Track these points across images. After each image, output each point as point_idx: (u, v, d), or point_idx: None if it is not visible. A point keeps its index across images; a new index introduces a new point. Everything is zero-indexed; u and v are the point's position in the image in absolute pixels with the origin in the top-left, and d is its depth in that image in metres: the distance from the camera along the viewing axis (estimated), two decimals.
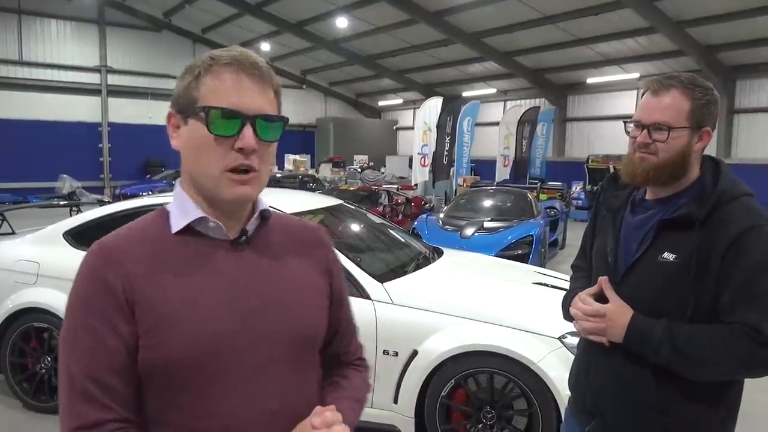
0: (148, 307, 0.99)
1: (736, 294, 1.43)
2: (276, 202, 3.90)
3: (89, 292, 1.00)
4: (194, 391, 1.01)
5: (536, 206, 9.45)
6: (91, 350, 0.98)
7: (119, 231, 1.08)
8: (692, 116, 1.50)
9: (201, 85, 1.03)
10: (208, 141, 1.01)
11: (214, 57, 1.04)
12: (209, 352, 1.01)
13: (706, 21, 13.81)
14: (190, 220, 1.06)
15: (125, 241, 1.05)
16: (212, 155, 1.02)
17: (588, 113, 20.05)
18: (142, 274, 1.01)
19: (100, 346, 0.98)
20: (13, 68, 19.88)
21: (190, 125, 1.04)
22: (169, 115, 1.07)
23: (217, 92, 1.01)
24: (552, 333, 3.17)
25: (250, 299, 1.06)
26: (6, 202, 15.06)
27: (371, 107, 28.64)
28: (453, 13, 16.53)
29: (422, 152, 13.78)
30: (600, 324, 1.56)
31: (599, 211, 1.77)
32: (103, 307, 0.99)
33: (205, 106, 1.01)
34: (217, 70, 1.02)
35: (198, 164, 1.04)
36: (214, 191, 1.04)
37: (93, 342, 0.98)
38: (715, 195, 1.48)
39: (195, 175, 1.06)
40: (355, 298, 3.41)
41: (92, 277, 1.01)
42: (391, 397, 3.33)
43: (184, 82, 1.05)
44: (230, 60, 1.03)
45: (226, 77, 1.02)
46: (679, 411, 1.52)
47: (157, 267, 1.03)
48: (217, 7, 19.82)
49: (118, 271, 1.00)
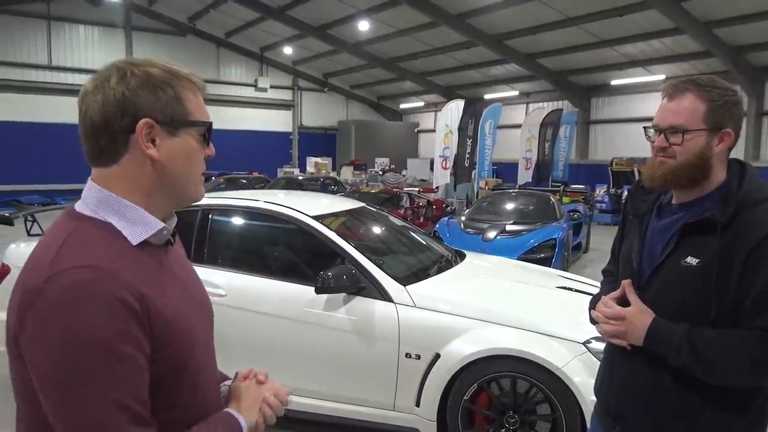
0: (161, 321, 1.02)
1: (758, 299, 1.41)
2: (298, 205, 3.94)
3: (115, 319, 0.96)
4: (186, 386, 1.09)
5: (559, 209, 9.36)
6: (134, 376, 0.98)
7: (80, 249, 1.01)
8: (709, 118, 1.49)
9: (185, 100, 1.10)
10: (196, 151, 1.13)
11: (177, 72, 1.10)
12: (195, 349, 1.12)
13: (734, 21, 13.54)
14: (153, 231, 1.09)
15: (113, 259, 1.01)
16: (198, 163, 1.15)
17: (612, 115, 19.80)
18: (145, 290, 1.02)
19: (139, 370, 0.99)
20: (42, 73, 20.34)
21: (182, 137, 1.10)
22: (147, 125, 1.05)
23: (199, 108, 1.13)
24: (576, 338, 3.13)
25: (195, 295, 1.20)
26: (35, 204, 15.40)
27: (393, 110, 28.67)
28: (475, 15, 16.47)
29: (444, 155, 13.75)
30: (620, 327, 1.56)
31: (627, 216, 1.77)
32: (133, 332, 0.98)
33: (204, 121, 1.13)
34: (191, 88, 1.12)
35: (188, 172, 1.13)
36: (192, 194, 1.16)
37: (132, 368, 0.98)
38: (738, 198, 1.47)
39: (180, 182, 1.12)
40: (377, 300, 3.42)
41: (111, 305, 0.96)
42: (413, 400, 3.32)
43: (163, 96, 1.07)
44: (196, 80, 1.13)
45: (198, 95, 1.13)
46: (702, 416, 1.50)
47: (148, 280, 1.04)
48: (240, 11, 20.04)
49: (131, 291, 0.99)
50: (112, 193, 1.07)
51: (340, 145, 26.78)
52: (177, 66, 1.12)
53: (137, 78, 1.05)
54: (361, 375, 3.45)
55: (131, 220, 1.07)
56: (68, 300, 0.95)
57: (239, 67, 24.66)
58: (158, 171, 1.08)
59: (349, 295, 3.43)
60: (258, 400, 1.21)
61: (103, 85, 1.05)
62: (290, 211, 3.84)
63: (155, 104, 1.06)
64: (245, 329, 3.58)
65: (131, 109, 1.04)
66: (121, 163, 1.07)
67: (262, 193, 5.65)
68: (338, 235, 3.71)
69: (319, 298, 3.44)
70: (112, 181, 1.08)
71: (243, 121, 24.07)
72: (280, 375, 4.10)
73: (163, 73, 1.08)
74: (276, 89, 25.53)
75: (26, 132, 19.60)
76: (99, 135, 1.06)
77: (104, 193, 1.07)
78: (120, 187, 1.07)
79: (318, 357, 3.50)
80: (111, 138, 1.05)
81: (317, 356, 3.50)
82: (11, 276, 4.22)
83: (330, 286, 3.35)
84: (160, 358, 1.02)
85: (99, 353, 0.94)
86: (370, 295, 3.43)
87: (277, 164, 22.77)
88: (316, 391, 3.50)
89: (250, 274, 3.72)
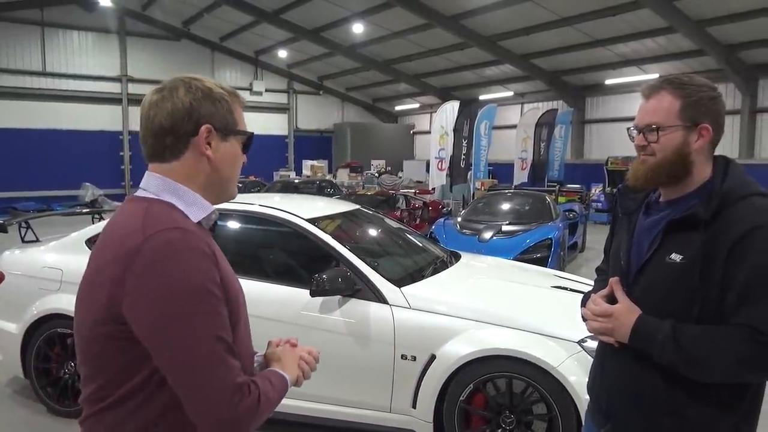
0: (225, 281, 1.23)
1: (741, 295, 1.42)
2: (293, 208, 3.95)
3: (205, 268, 1.17)
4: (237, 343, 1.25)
5: (555, 209, 9.38)
6: (223, 315, 1.19)
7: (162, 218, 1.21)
8: (684, 114, 1.52)
9: (234, 113, 1.33)
10: (239, 156, 1.36)
11: (235, 92, 1.35)
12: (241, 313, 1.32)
13: (726, 20, 13.58)
14: (208, 212, 1.31)
15: (192, 226, 1.23)
16: (239, 166, 1.37)
17: (607, 115, 19.84)
18: (214, 253, 1.23)
19: (225, 311, 1.20)
20: (36, 79, 20.27)
21: (231, 143, 1.33)
22: (210, 131, 1.28)
23: (243, 121, 1.36)
24: (571, 337, 3.14)
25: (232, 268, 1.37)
26: (30, 211, 15.35)
27: (388, 112, 28.68)
28: (469, 16, 16.49)
29: (439, 156, 13.75)
30: (607, 324, 1.58)
31: (616, 214, 1.79)
32: (218, 280, 1.19)
33: (248, 132, 1.36)
34: (238, 103, 1.35)
35: (232, 173, 1.35)
36: (232, 193, 1.38)
37: (222, 307, 1.19)
38: (721, 194, 1.48)
39: (225, 180, 1.34)
40: (372, 302, 3.42)
41: (202, 256, 1.17)
42: (409, 402, 3.32)
43: (222, 108, 1.30)
44: (241, 97, 1.37)
45: (240, 110, 1.36)
46: (690, 413, 1.51)
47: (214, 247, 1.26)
48: (234, 15, 20.02)
49: (212, 250, 1.22)
50: (172, 179, 1.28)
51: (336, 148, 26.77)
52: (224, 85, 1.35)
53: (201, 91, 1.28)
54: (357, 377, 3.45)
55: (189, 202, 1.28)
56: (166, 253, 1.14)
57: (234, 71, 24.63)
58: (211, 168, 1.30)
59: (345, 297, 3.44)
60: (295, 359, 1.43)
61: (172, 95, 1.27)
62: (285, 215, 3.84)
63: (215, 114, 1.29)
64: None
65: (195, 116, 1.27)
66: (182, 159, 1.28)
67: (257, 196, 5.66)
68: (333, 238, 3.71)
69: (314, 301, 3.45)
70: (174, 173, 1.28)
71: None
72: None
73: (219, 89, 1.31)
74: (271, 93, 25.51)
75: (21, 138, 19.52)
76: (165, 136, 1.27)
77: (167, 181, 1.28)
78: (180, 179, 1.28)
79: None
80: (176, 138, 1.27)
81: None
82: (6, 283, 4.22)
83: (325, 288, 3.35)
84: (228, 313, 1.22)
85: (197, 294, 1.14)
86: (365, 297, 3.43)
87: (273, 168, 22.74)
88: (313, 394, 3.50)
89: (245, 277, 3.68)
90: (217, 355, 1.14)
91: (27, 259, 4.33)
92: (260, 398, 1.19)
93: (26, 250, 4.46)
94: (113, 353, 1.19)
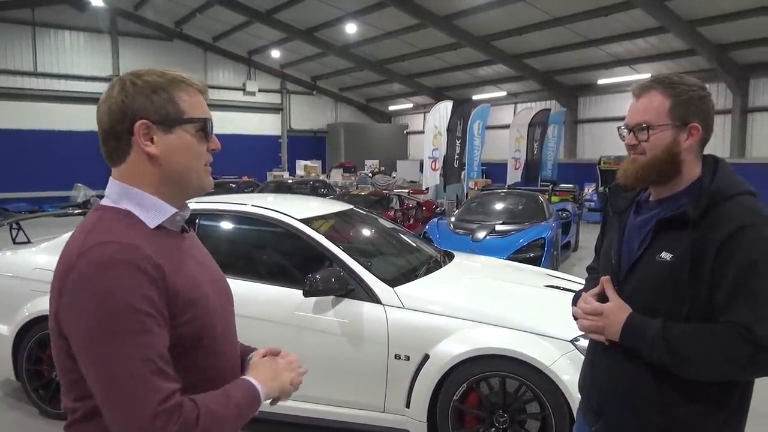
0: (176, 292, 1.17)
1: (729, 293, 1.43)
2: (286, 208, 3.94)
3: (133, 285, 1.10)
4: (208, 350, 1.24)
5: (548, 209, 9.41)
6: (156, 334, 1.12)
7: (107, 229, 1.18)
8: (674, 113, 1.53)
9: (178, 101, 1.24)
10: (194, 145, 1.26)
11: (182, 78, 1.26)
12: (213, 319, 1.26)
13: (717, 20, 13.67)
14: (167, 216, 1.25)
15: (133, 237, 1.17)
16: (197, 156, 1.27)
17: (599, 114, 19.91)
18: (163, 262, 1.16)
19: (159, 329, 1.13)
20: (28, 79, 20.16)
21: (177, 134, 1.24)
22: (145, 126, 1.21)
23: (195, 107, 1.26)
24: (564, 336, 3.15)
25: (211, 273, 1.36)
26: (22, 212, 15.26)
27: (381, 112, 28.69)
28: (462, 16, 16.52)
29: (433, 156, 13.78)
30: (598, 323, 1.59)
31: (607, 213, 1.80)
32: (152, 296, 1.12)
33: (198, 117, 1.26)
34: (186, 89, 1.25)
35: (188, 164, 1.26)
36: (199, 182, 1.29)
37: (154, 327, 1.12)
38: (710, 194, 1.49)
39: (183, 173, 1.26)
40: (365, 302, 3.42)
41: (134, 272, 1.11)
42: (403, 402, 3.33)
43: (158, 98, 1.22)
44: (194, 82, 1.28)
45: (195, 95, 1.27)
46: (679, 411, 1.52)
47: (166, 256, 1.19)
48: (227, 15, 19.97)
49: (150, 261, 1.14)
50: (127, 184, 1.23)
51: (330, 148, 26.75)
52: (175, 71, 1.27)
53: (134, 86, 1.22)
54: (350, 377, 3.45)
55: (146, 206, 1.23)
56: (96, 269, 1.10)
57: (227, 71, 24.58)
58: (160, 165, 1.23)
59: (338, 297, 3.44)
60: (273, 368, 1.37)
61: (109, 95, 1.23)
62: (278, 215, 3.84)
63: (149, 107, 1.21)
64: None
65: (130, 113, 1.21)
66: (129, 161, 1.24)
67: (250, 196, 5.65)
68: (326, 238, 3.71)
69: (307, 301, 3.44)
70: (125, 176, 1.24)
71: (231, 125, 23.96)
72: None
73: (158, 79, 1.23)
74: (264, 93, 25.47)
75: (12, 139, 19.42)
76: (109, 139, 1.23)
77: (122, 186, 1.24)
78: (132, 181, 1.24)
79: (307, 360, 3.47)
80: (117, 140, 1.23)
81: (306, 359, 3.47)
82: None
83: (318, 288, 3.35)
84: (180, 324, 1.17)
85: (124, 314, 1.09)
86: (358, 297, 3.43)
87: (267, 168, 22.71)
88: (306, 395, 3.49)
89: (238, 278, 3.70)
90: (138, 378, 1.08)
91: (18, 261, 4.30)
92: (198, 420, 1.11)
93: (17, 251, 4.43)
94: (75, 367, 1.15)
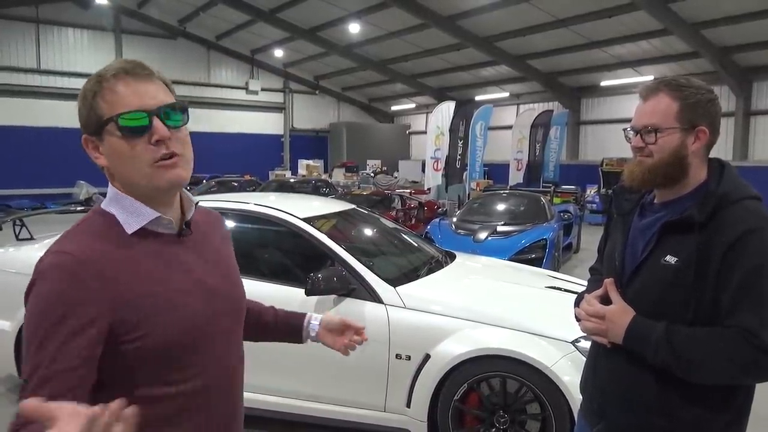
0: (130, 306, 1.11)
1: (735, 297, 1.43)
2: (288, 207, 3.95)
3: (71, 296, 1.07)
4: (179, 365, 1.17)
5: (550, 210, 9.40)
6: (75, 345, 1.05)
7: (75, 236, 1.15)
8: (682, 116, 1.52)
9: (100, 103, 1.13)
10: (127, 146, 1.13)
11: (101, 74, 1.15)
12: (188, 332, 1.18)
13: (720, 22, 13.67)
14: (147, 220, 1.18)
15: (91, 247, 1.12)
16: (137, 155, 1.14)
17: (602, 116, 19.92)
18: (120, 277, 1.11)
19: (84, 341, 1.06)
20: (31, 76, 20.21)
21: (107, 141, 1.15)
22: (85, 141, 1.18)
23: (116, 103, 1.12)
24: (565, 337, 3.15)
25: (206, 282, 1.25)
26: (25, 208, 15.28)
27: (384, 112, 28.69)
28: (465, 17, 16.53)
29: (435, 156, 13.77)
30: (601, 325, 1.58)
31: (611, 215, 1.80)
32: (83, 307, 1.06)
33: (111, 116, 1.12)
34: (108, 86, 1.13)
35: (129, 168, 1.15)
36: (150, 185, 1.16)
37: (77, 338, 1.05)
38: (716, 197, 1.49)
39: (129, 179, 1.17)
40: (367, 302, 3.43)
41: (69, 281, 1.07)
42: (403, 401, 3.33)
43: (85, 108, 1.15)
44: (117, 71, 1.14)
45: (120, 88, 1.13)
46: (682, 414, 1.51)
47: (129, 267, 1.14)
48: (231, 14, 20.00)
49: (96, 275, 1.09)
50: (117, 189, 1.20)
51: (332, 148, 26.76)
52: (116, 64, 1.16)
53: (80, 93, 1.16)
54: (351, 377, 3.45)
55: (128, 211, 1.18)
56: (39, 276, 1.10)
57: (230, 70, 24.60)
58: (113, 174, 1.19)
59: (340, 296, 3.44)
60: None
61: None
62: (280, 214, 3.84)
63: (84, 118, 1.16)
64: None
65: (82, 125, 1.17)
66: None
67: (252, 195, 5.66)
68: (328, 237, 3.72)
69: (309, 300, 3.45)
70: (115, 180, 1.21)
71: (234, 123, 24.03)
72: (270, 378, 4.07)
73: (87, 85, 1.15)
74: (267, 92, 25.50)
75: (15, 136, 19.45)
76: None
77: (113, 190, 1.21)
78: (119, 186, 1.20)
79: (308, 359, 3.50)
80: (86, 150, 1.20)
81: (307, 358, 3.50)
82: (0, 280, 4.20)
83: (320, 288, 3.36)
84: (134, 339, 1.10)
85: (50, 320, 1.05)
86: (360, 297, 3.44)
87: (269, 167, 22.74)
88: (307, 394, 3.51)
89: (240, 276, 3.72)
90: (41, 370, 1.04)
91: (21, 257, 4.31)
92: None
93: (21, 247, 4.44)
94: None
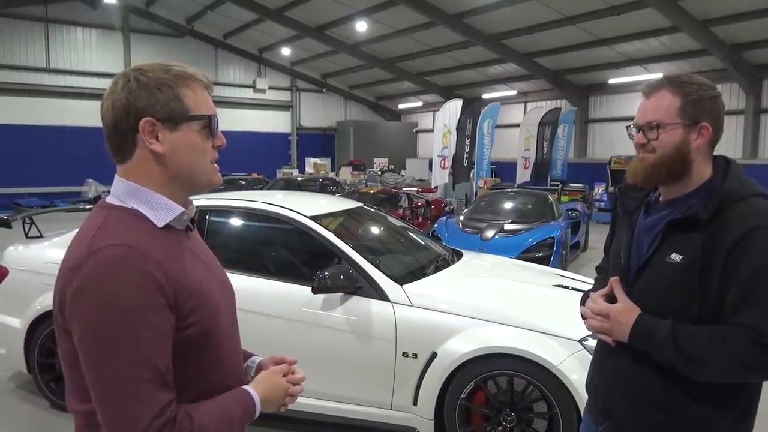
0: (185, 293, 1.16)
1: (740, 295, 1.42)
2: (295, 205, 3.96)
3: (142, 289, 1.09)
4: (212, 356, 1.23)
5: (557, 208, 9.38)
6: (157, 341, 1.10)
7: (117, 229, 1.15)
8: (684, 112, 1.52)
9: (183, 97, 1.21)
10: (199, 142, 1.24)
11: (186, 74, 1.23)
12: (218, 319, 1.25)
13: (730, 19, 13.55)
14: (176, 214, 1.23)
15: (142, 239, 1.15)
16: (203, 153, 1.25)
17: (610, 114, 19.80)
18: (170, 267, 1.15)
19: (164, 338, 1.12)
20: (40, 75, 20.31)
21: (182, 132, 1.21)
22: (149, 123, 1.18)
23: (200, 104, 1.23)
24: (572, 335, 3.15)
25: (216, 274, 1.34)
26: (34, 207, 15.39)
27: (391, 110, 28.66)
28: (472, 15, 16.47)
29: (442, 155, 13.76)
30: (606, 323, 1.58)
31: (617, 213, 1.80)
32: (158, 302, 1.11)
33: (202, 115, 1.23)
34: (192, 86, 1.23)
35: (194, 162, 1.24)
36: (208, 179, 1.27)
37: (158, 335, 1.10)
38: (721, 195, 1.49)
39: (190, 170, 1.23)
40: (374, 300, 3.43)
41: (141, 276, 1.10)
42: (410, 399, 3.34)
43: (164, 95, 1.19)
44: (200, 78, 1.25)
45: (202, 93, 1.25)
46: (688, 412, 1.51)
47: (175, 258, 1.19)
48: (238, 12, 20.04)
49: (158, 267, 1.12)
50: (134, 183, 1.21)
51: (339, 146, 26.77)
52: (179, 67, 1.24)
53: (138, 82, 1.19)
54: (358, 374, 3.46)
55: (154, 205, 1.21)
56: (103, 272, 1.09)
57: (237, 69, 24.64)
58: (165, 163, 1.21)
59: (346, 294, 3.45)
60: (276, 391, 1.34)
61: (112, 91, 1.20)
62: (287, 212, 3.85)
63: (154, 104, 1.18)
64: (243, 329, 3.56)
65: (134, 111, 1.18)
66: (135, 159, 1.21)
67: (260, 193, 5.68)
68: (335, 235, 3.72)
69: (316, 298, 3.46)
70: (131, 174, 1.22)
71: (241, 122, 24.04)
72: None
73: (162, 75, 1.20)
74: (274, 90, 25.52)
75: (25, 135, 19.56)
76: (113, 136, 1.21)
77: (129, 184, 1.21)
78: (138, 179, 1.21)
79: (315, 357, 3.51)
80: (122, 137, 1.20)
81: (315, 356, 3.51)
82: (10, 278, 4.24)
83: (327, 285, 3.37)
84: (186, 326, 1.16)
85: (128, 319, 1.07)
86: (367, 295, 3.44)
87: (276, 165, 22.76)
88: (314, 391, 3.52)
89: (247, 274, 3.73)
90: (133, 389, 1.06)
91: (31, 255, 4.35)
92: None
93: (30, 245, 4.48)
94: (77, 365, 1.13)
